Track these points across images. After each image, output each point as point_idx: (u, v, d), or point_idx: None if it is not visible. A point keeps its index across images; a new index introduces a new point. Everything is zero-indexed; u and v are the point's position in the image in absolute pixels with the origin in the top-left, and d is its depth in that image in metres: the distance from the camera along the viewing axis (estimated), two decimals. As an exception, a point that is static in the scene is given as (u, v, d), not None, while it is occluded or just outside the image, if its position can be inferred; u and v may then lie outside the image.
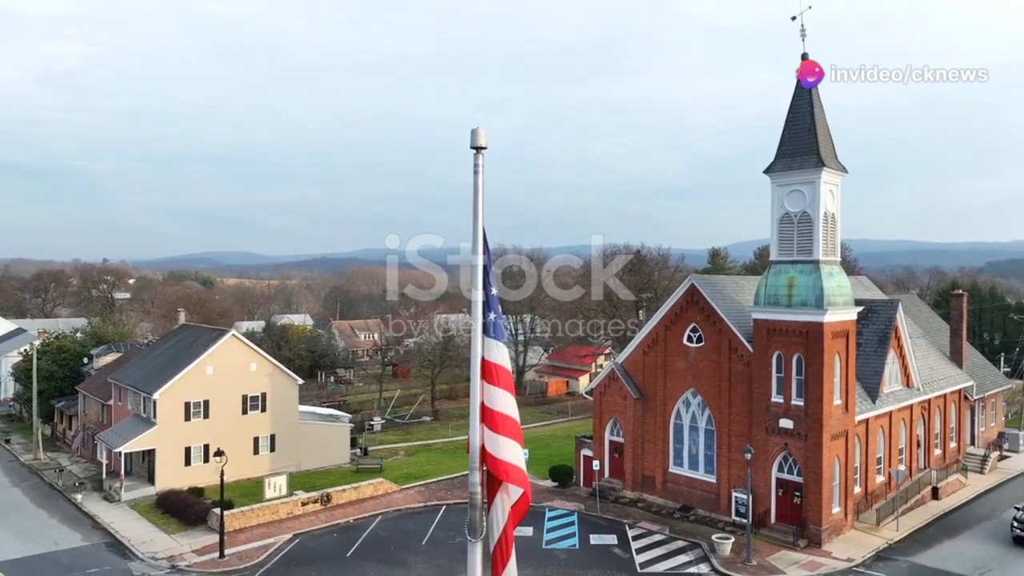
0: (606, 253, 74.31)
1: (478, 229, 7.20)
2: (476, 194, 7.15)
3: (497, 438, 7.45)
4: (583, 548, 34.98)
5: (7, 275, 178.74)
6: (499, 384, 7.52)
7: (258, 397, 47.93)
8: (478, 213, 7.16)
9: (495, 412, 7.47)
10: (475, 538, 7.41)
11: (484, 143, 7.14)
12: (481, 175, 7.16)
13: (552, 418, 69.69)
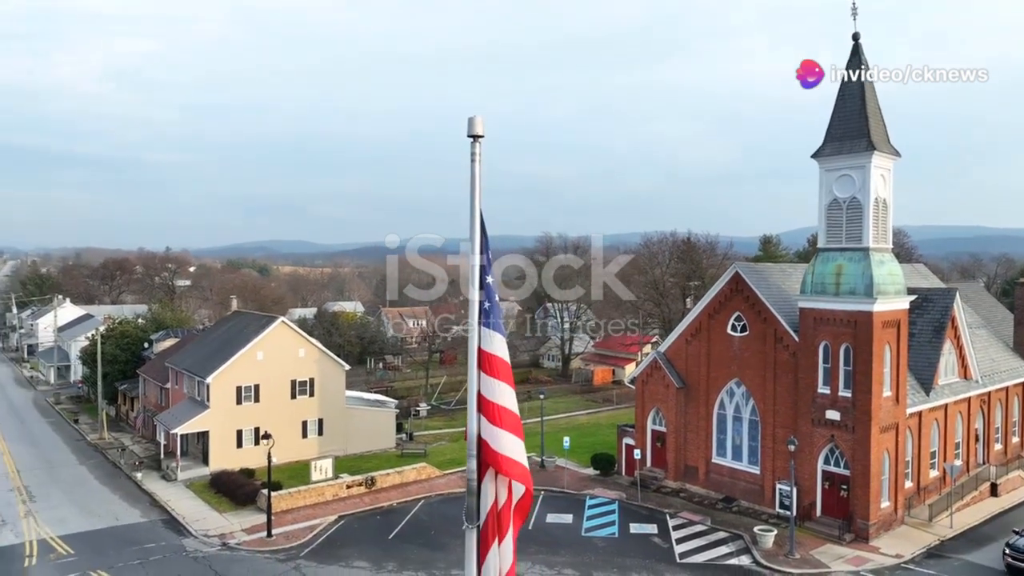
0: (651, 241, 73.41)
1: (475, 217, 7.24)
2: (473, 182, 7.18)
3: (494, 430, 7.38)
4: (622, 537, 34.90)
5: (78, 263, 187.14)
6: (496, 375, 7.47)
7: (306, 382, 49.17)
8: (475, 201, 7.20)
9: (491, 403, 7.42)
10: (471, 524, 7.47)
11: (481, 131, 7.16)
12: (478, 164, 7.19)
13: (597, 406, 69.48)
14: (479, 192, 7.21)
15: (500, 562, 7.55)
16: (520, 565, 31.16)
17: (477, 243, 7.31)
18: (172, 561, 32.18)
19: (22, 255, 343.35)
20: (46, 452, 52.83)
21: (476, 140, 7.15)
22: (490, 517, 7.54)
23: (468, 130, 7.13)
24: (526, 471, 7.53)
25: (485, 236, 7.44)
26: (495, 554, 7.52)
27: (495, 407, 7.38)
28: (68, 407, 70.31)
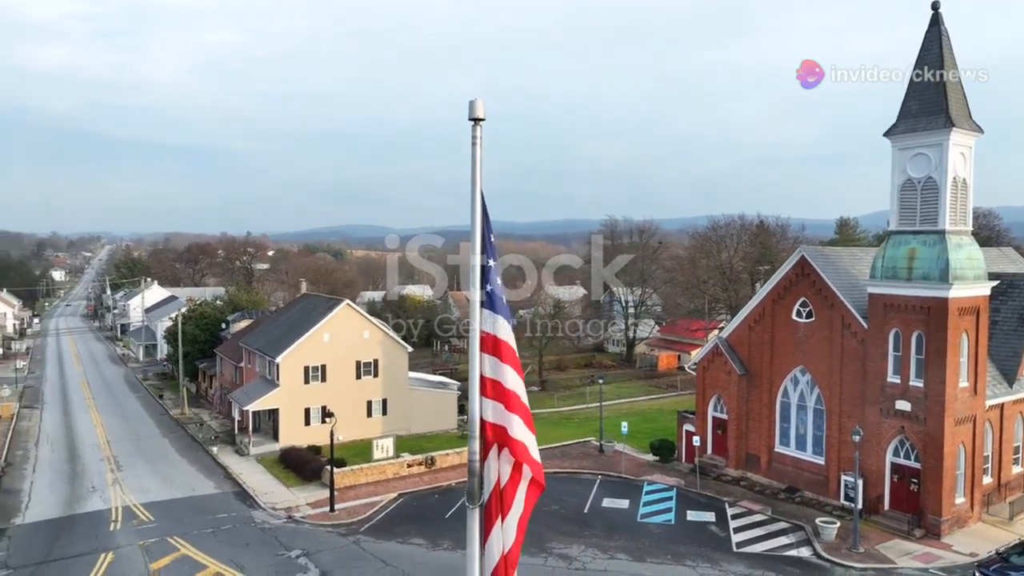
0: (718, 224, 71.57)
1: (476, 199, 7.26)
2: (474, 166, 7.20)
3: (498, 408, 7.38)
4: (679, 524, 34.54)
5: (167, 248, 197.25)
6: (496, 355, 7.49)
7: (371, 363, 50.49)
8: (476, 184, 7.22)
9: (494, 382, 7.43)
10: (473, 505, 7.55)
11: (482, 115, 7.17)
12: (479, 147, 7.20)
13: (660, 392, 68.62)
14: (480, 175, 7.23)
15: (504, 539, 7.61)
16: (573, 548, 31.40)
17: (478, 227, 7.33)
18: (241, 531, 33.82)
19: (118, 240, 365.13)
20: (133, 425, 56.28)
21: (477, 123, 7.15)
22: (493, 496, 7.59)
23: (469, 113, 7.14)
24: (532, 458, 7.48)
25: (487, 220, 7.46)
26: (498, 532, 7.58)
27: (498, 386, 7.42)
28: (154, 383, 74.59)
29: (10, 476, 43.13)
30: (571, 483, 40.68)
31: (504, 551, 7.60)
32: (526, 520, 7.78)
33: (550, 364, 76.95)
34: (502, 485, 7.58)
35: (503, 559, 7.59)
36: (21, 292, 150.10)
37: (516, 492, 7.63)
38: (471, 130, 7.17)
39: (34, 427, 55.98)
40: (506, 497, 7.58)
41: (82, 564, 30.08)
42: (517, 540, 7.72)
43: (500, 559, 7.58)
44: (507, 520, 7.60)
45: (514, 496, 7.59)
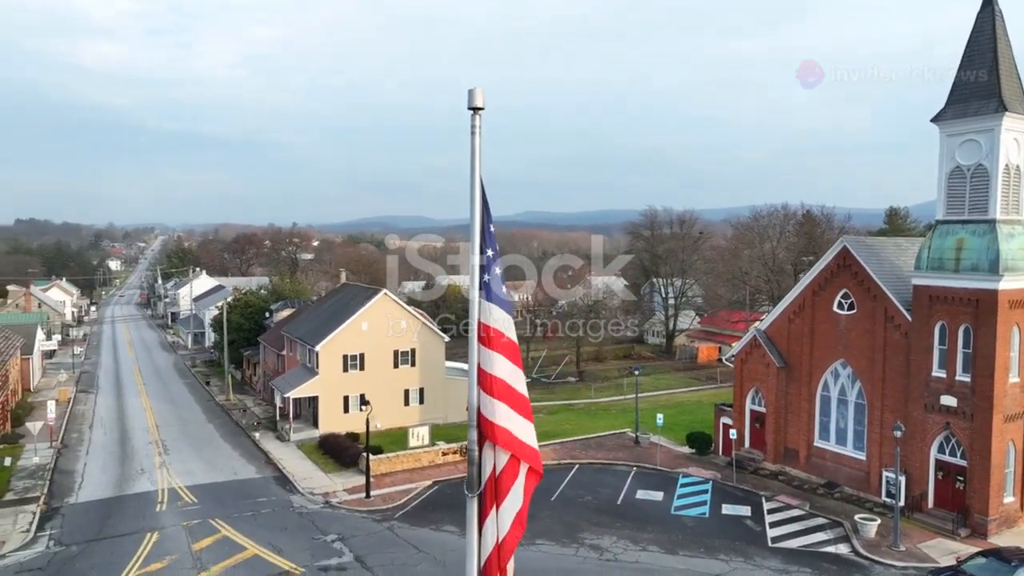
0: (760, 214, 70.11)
1: (475, 189, 7.26)
2: (473, 155, 7.20)
3: (490, 400, 7.40)
4: (713, 517, 34.16)
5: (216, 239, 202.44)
6: (495, 348, 7.46)
7: (408, 352, 51.08)
8: (475, 173, 7.22)
9: (491, 376, 7.43)
10: (472, 493, 7.59)
11: (481, 104, 7.16)
12: (478, 136, 7.20)
13: (700, 384, 67.82)
14: (479, 164, 7.23)
15: (498, 527, 7.65)
16: (605, 539, 31.34)
17: (477, 215, 7.34)
18: (280, 515, 34.66)
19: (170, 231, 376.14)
20: (181, 410, 58.08)
21: (476, 112, 7.15)
22: (488, 485, 7.63)
23: (468, 102, 7.14)
24: (530, 448, 7.48)
25: (487, 209, 7.46)
26: (493, 520, 7.63)
27: (492, 378, 7.42)
28: (202, 370, 76.79)
29: (66, 457, 44.95)
30: (605, 474, 40.58)
31: (498, 540, 7.64)
32: (526, 511, 7.79)
33: (588, 355, 76.76)
34: (497, 474, 7.61)
35: (497, 547, 7.63)
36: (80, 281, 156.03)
37: (514, 483, 7.65)
38: (470, 119, 7.17)
39: (89, 411, 58.22)
40: (501, 486, 7.60)
41: (129, 542, 31.23)
42: (513, 530, 7.73)
43: (494, 548, 7.62)
44: (502, 509, 7.62)
45: (511, 486, 7.61)
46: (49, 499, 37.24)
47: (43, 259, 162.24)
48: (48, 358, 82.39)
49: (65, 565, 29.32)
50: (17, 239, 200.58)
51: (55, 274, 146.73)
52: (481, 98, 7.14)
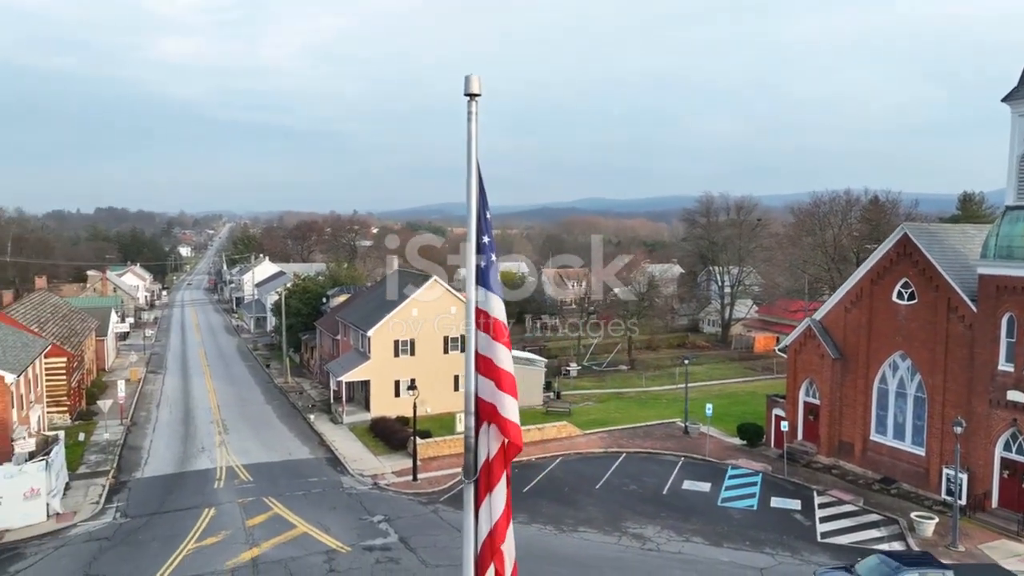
0: (821, 201, 67.76)
1: (472, 174, 7.27)
2: (470, 142, 7.20)
3: (489, 386, 7.55)
4: (761, 510, 33.48)
5: (280, 226, 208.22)
6: (490, 333, 7.61)
7: (457, 338, 51.56)
8: (472, 159, 7.22)
9: (487, 359, 7.57)
10: (469, 479, 7.67)
11: (478, 90, 7.14)
12: (475, 123, 7.19)
13: (755, 375, 66.33)
14: (476, 152, 7.22)
15: (492, 510, 7.76)
16: (649, 529, 31.14)
17: (474, 203, 7.34)
18: (329, 495, 35.65)
19: (237, 218, 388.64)
20: (241, 391, 60.22)
21: (473, 99, 7.14)
22: (483, 470, 7.72)
23: (464, 88, 7.13)
24: (515, 427, 7.62)
25: (484, 196, 7.46)
26: (487, 504, 7.73)
27: (490, 364, 7.53)
28: (263, 353, 79.35)
29: (134, 434, 47.26)
30: (652, 463, 40.22)
31: (492, 522, 7.75)
32: (509, 488, 7.88)
33: (640, 343, 75.94)
34: (490, 459, 7.71)
35: (491, 531, 7.74)
36: (152, 267, 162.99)
37: (504, 468, 7.76)
38: (467, 105, 7.16)
39: (157, 391, 60.98)
40: (494, 470, 7.73)
41: (188, 517, 32.69)
42: (505, 512, 7.84)
43: (489, 532, 7.73)
44: (495, 492, 7.74)
45: (501, 472, 7.73)
46: (118, 473, 39.25)
47: (120, 246, 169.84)
48: (122, 340, 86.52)
49: (129, 536, 30.91)
50: (96, 227, 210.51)
51: (130, 260, 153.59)
52: (477, 84, 7.12)
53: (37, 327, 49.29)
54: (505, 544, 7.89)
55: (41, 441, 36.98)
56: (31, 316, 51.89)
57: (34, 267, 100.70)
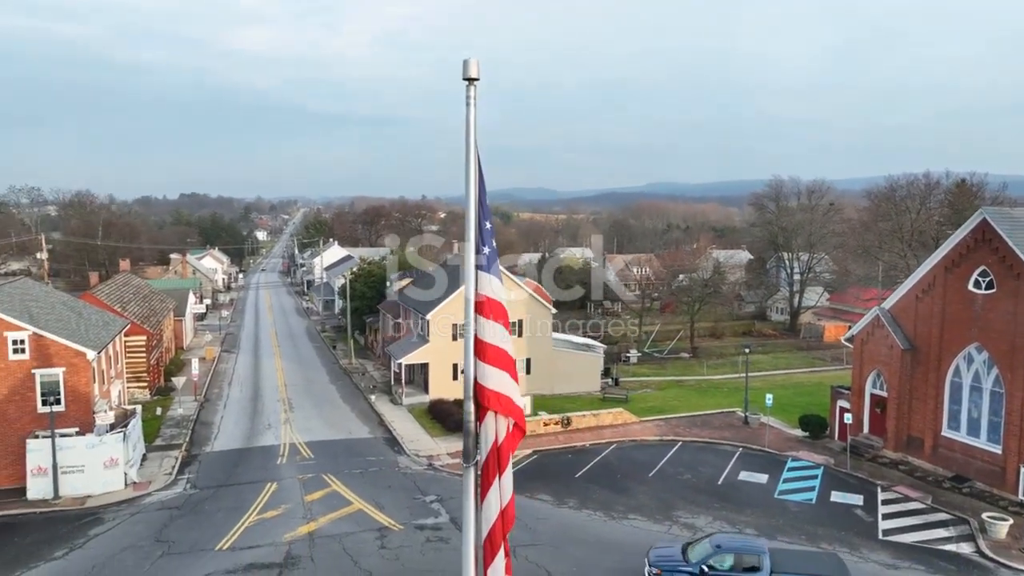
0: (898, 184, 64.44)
1: (470, 160, 7.25)
2: (468, 127, 7.17)
3: (484, 367, 7.61)
4: (820, 504, 32.45)
5: (351, 211, 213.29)
6: (489, 316, 7.63)
7: (515, 323, 51.72)
8: (470, 146, 7.20)
9: (485, 343, 7.60)
10: (468, 463, 7.72)
11: (476, 74, 7.09)
12: (473, 108, 7.15)
13: (823, 365, 64.11)
14: (474, 136, 7.20)
15: (501, 495, 7.81)
16: (700, 519, 30.69)
17: (473, 188, 7.33)
18: (385, 474, 36.55)
19: (311, 204, 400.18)
20: (307, 371, 62.26)
21: (471, 83, 7.10)
22: (491, 455, 7.78)
23: (463, 73, 7.09)
24: (517, 408, 7.67)
25: (482, 182, 7.44)
26: (496, 489, 7.79)
27: (487, 346, 7.56)
28: (330, 335, 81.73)
29: (206, 410, 49.57)
30: (708, 453, 39.51)
31: (502, 506, 7.80)
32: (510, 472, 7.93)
33: (704, 331, 74.44)
34: (499, 444, 7.73)
35: (500, 516, 7.79)
36: (230, 250, 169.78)
37: (512, 452, 7.80)
38: (464, 90, 7.13)
39: (229, 369, 63.69)
40: (503, 455, 7.76)
41: (252, 490, 34.14)
42: (512, 497, 7.90)
43: (498, 516, 7.77)
44: (504, 477, 7.78)
45: (510, 456, 7.76)
46: (190, 447, 41.30)
47: (200, 230, 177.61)
48: (199, 320, 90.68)
49: (197, 506, 32.55)
50: (179, 212, 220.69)
51: (209, 244, 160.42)
52: (476, 68, 7.07)
53: (120, 307, 52.17)
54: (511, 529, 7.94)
55: (120, 414, 39.25)
56: (114, 296, 54.93)
57: (121, 250, 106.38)
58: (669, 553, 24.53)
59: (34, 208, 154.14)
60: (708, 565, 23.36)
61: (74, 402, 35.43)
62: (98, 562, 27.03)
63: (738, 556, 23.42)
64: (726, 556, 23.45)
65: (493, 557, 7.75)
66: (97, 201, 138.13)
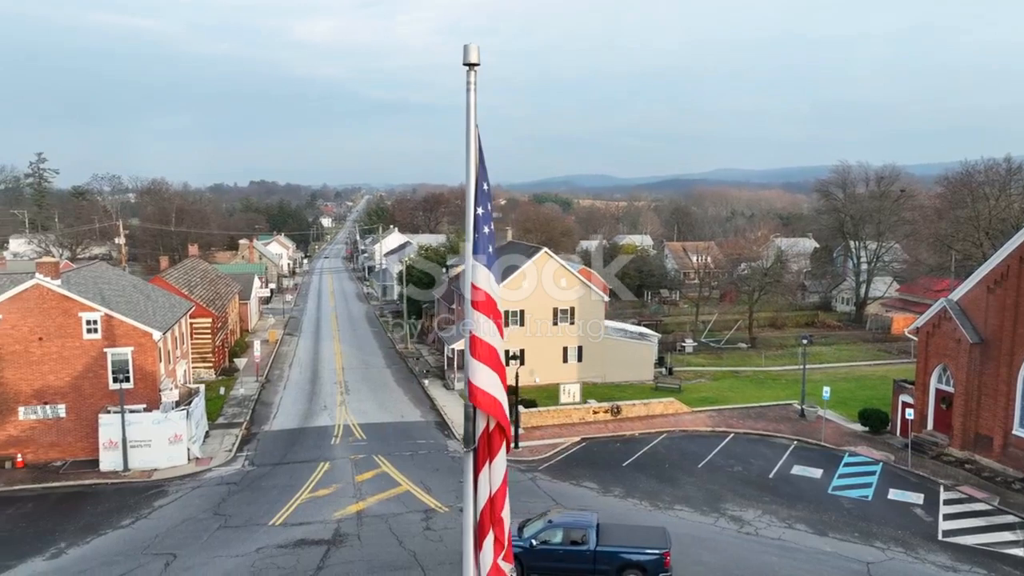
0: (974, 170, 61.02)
1: (471, 145, 7.26)
2: (468, 111, 7.18)
3: (474, 364, 7.58)
4: (876, 501, 31.35)
5: (413, 198, 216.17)
6: (480, 308, 7.60)
7: (567, 311, 51.63)
8: (471, 130, 7.21)
9: (477, 339, 7.57)
10: (467, 448, 7.78)
11: (476, 59, 7.09)
12: (473, 92, 7.15)
13: (889, 358, 61.64)
14: (474, 122, 7.20)
15: (491, 479, 7.85)
16: (749, 512, 30.15)
17: (472, 173, 7.33)
18: (434, 457, 37.16)
19: (374, 191, 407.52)
20: (365, 355, 63.67)
21: (471, 68, 7.10)
22: (481, 440, 7.81)
23: (463, 58, 7.10)
24: (494, 401, 7.61)
25: (483, 167, 7.43)
26: (486, 472, 7.84)
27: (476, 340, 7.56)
28: (387, 320, 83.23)
29: (267, 391, 51.35)
30: (761, 446, 38.64)
31: (491, 491, 7.85)
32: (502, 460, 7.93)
33: (764, 321, 72.56)
34: (490, 430, 7.77)
35: (490, 499, 7.85)
36: (296, 236, 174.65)
37: (503, 439, 7.82)
38: (465, 75, 7.14)
39: (290, 351, 65.73)
40: (493, 442, 7.79)
41: (306, 468, 35.28)
42: (504, 483, 7.93)
43: (487, 502, 7.84)
44: (495, 463, 7.82)
45: (501, 443, 7.79)
46: (250, 425, 42.91)
47: (268, 216, 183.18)
48: (264, 304, 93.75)
49: (254, 482, 33.85)
50: (249, 199, 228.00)
51: (276, 230, 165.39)
52: (476, 54, 7.07)
53: (187, 290, 54.42)
54: (505, 512, 8.00)
55: (185, 392, 41.07)
56: (182, 280, 57.32)
57: (192, 236, 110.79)
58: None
59: (115, 196, 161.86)
60: (539, 539, 24.02)
61: (142, 380, 37.26)
62: (160, 532, 28.48)
63: (567, 530, 24.06)
64: (556, 531, 24.14)
65: (484, 537, 7.83)
66: (172, 188, 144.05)
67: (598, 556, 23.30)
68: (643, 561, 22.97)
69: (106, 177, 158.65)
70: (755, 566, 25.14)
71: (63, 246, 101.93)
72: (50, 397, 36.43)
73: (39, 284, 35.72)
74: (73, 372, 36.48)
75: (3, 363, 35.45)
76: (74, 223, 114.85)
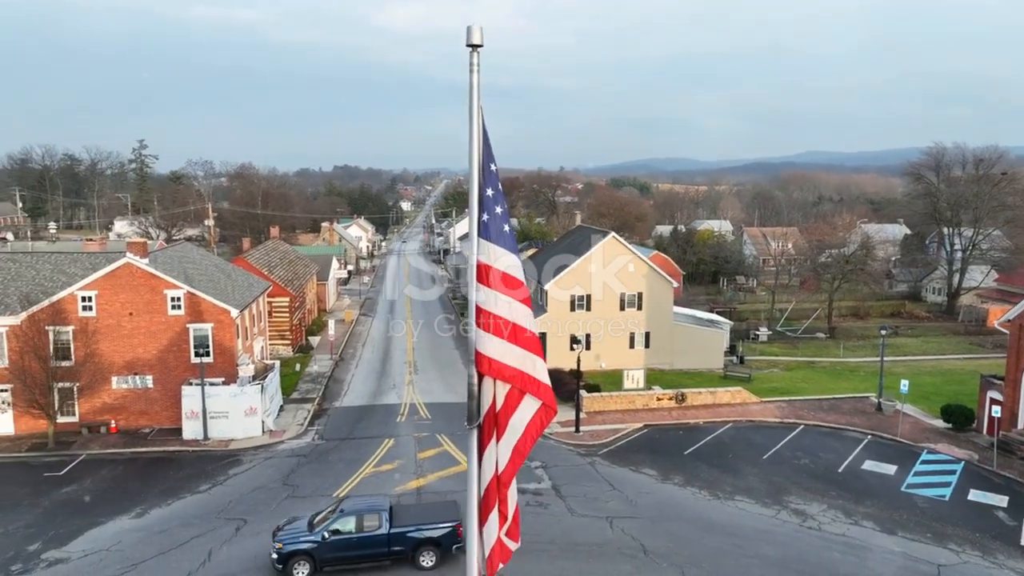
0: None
1: (474, 127, 7.26)
2: (472, 94, 7.18)
3: (481, 335, 7.54)
4: (954, 502, 29.74)
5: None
6: (494, 287, 7.53)
7: (635, 296, 51.01)
8: (474, 111, 7.21)
9: (483, 311, 7.53)
10: (471, 425, 7.82)
11: (479, 41, 7.08)
12: (476, 74, 7.15)
13: (981, 351, 58.00)
14: (478, 103, 7.20)
15: (497, 460, 7.85)
16: (813, 506, 29.28)
17: (476, 155, 7.35)
18: (495, 437, 37.62)
19: (453, 175, 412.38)
20: (434, 336, 64.83)
21: (475, 49, 7.09)
22: (487, 418, 7.83)
23: (466, 39, 7.10)
24: (524, 375, 7.53)
25: (488, 149, 7.43)
26: (492, 452, 7.83)
27: (488, 315, 7.53)
28: (460, 302, 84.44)
29: (340, 369, 53.16)
30: (831, 439, 37.24)
31: (497, 472, 7.87)
32: (527, 445, 7.87)
33: (845, 310, 69.50)
34: (497, 409, 7.77)
35: (495, 479, 7.88)
36: (375, 220, 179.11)
37: (512, 416, 7.78)
38: (468, 57, 7.14)
39: (365, 332, 67.70)
40: (501, 421, 7.77)
41: (371, 444, 36.46)
42: (512, 462, 7.89)
43: (492, 478, 7.88)
44: (502, 442, 7.80)
45: (509, 420, 7.75)
46: (322, 401, 44.59)
47: (349, 200, 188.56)
48: (342, 285, 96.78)
49: (322, 456, 35.27)
50: (332, 183, 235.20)
51: (357, 213, 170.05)
52: (479, 35, 7.06)
53: (266, 270, 56.82)
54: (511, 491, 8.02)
55: (261, 368, 43.03)
56: (262, 261, 59.85)
57: (278, 219, 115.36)
58: (295, 526, 24.68)
59: (208, 180, 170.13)
60: (331, 530, 23.76)
61: (221, 355, 39.29)
62: (234, 498, 30.14)
63: (359, 517, 23.97)
64: (348, 519, 23.97)
65: (487, 517, 7.88)
66: (259, 173, 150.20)
67: (392, 538, 23.73)
68: (436, 536, 23.74)
69: (199, 162, 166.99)
70: (815, 562, 24.42)
71: (160, 228, 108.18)
72: (139, 368, 38.94)
73: (129, 263, 38.12)
74: (159, 345, 38.84)
75: (99, 336, 38.09)
76: (171, 206, 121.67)
